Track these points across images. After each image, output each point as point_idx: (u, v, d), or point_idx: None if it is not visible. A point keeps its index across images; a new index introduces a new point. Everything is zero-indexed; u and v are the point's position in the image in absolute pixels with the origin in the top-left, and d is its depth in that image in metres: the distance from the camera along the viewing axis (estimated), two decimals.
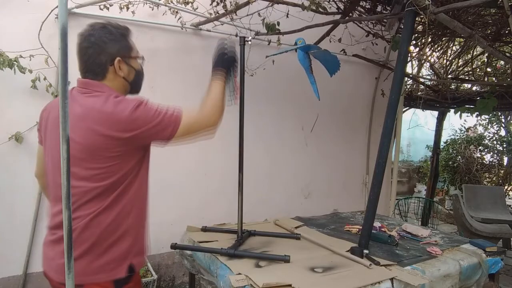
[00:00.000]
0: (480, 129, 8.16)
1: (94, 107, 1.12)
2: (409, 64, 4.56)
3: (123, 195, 1.17)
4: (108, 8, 2.60)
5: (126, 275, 1.18)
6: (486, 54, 4.31)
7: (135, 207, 1.21)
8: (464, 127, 7.98)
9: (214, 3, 2.71)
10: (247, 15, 2.69)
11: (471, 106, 3.72)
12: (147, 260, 2.73)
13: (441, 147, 6.50)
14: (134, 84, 1.30)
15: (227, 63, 1.44)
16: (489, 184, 7.52)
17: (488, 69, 4.67)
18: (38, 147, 1.38)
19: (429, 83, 4.80)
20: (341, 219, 2.53)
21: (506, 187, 7.24)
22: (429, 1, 1.74)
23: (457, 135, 8.09)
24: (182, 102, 1.34)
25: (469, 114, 4.38)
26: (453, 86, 4.86)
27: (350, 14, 2.90)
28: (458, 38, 3.95)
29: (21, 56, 2.37)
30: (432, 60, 4.74)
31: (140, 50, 2.85)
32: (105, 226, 1.14)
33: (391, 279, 1.49)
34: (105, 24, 1.23)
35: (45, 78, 2.49)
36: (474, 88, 5.07)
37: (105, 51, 1.19)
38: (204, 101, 1.31)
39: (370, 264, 1.58)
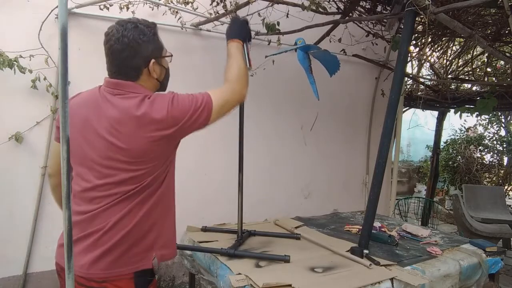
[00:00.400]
0: (480, 129, 8.16)
1: (131, 110, 1.11)
2: (409, 64, 4.56)
3: (155, 192, 1.18)
4: (108, 8, 2.60)
5: (151, 267, 1.18)
6: (486, 54, 4.31)
7: (162, 201, 1.22)
8: (464, 127, 7.98)
9: (214, 3, 2.71)
10: (247, 15, 2.68)
11: (471, 106, 3.72)
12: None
13: (441, 147, 6.50)
14: (165, 82, 1.30)
15: (244, 34, 1.44)
16: (489, 184, 7.52)
17: (488, 69, 4.67)
18: (53, 144, 1.34)
19: (429, 83, 4.80)
20: (341, 219, 2.53)
21: (506, 187, 7.24)
22: (429, 1, 1.74)
23: (457, 135, 8.09)
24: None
25: (469, 114, 4.38)
26: (453, 86, 4.86)
27: (350, 14, 2.90)
28: (458, 38, 3.95)
29: (21, 56, 2.37)
30: (432, 60, 4.74)
31: None
32: (135, 222, 1.15)
33: (391, 279, 1.49)
34: (136, 23, 1.19)
35: (45, 78, 2.49)
36: (474, 88, 5.07)
37: (140, 54, 1.17)
38: (229, 76, 1.29)
39: (370, 264, 1.58)
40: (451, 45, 4.46)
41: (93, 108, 1.16)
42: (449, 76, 4.74)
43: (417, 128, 8.13)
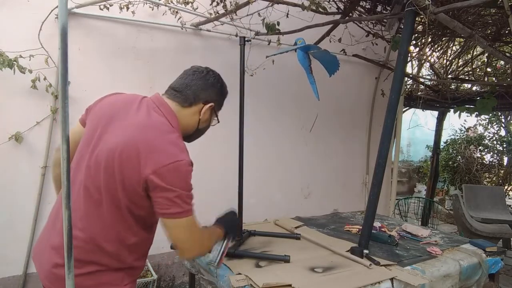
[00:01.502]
0: (480, 129, 8.16)
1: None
2: (409, 64, 4.56)
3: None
4: (108, 8, 2.60)
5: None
6: (486, 54, 4.31)
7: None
8: (464, 127, 7.98)
9: (214, 3, 2.71)
10: (247, 15, 2.69)
11: (471, 106, 3.72)
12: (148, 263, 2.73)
13: (441, 147, 6.50)
14: (196, 134, 1.31)
15: (232, 231, 1.50)
16: (489, 184, 7.52)
17: (488, 69, 4.67)
18: (76, 126, 1.27)
19: (429, 83, 4.80)
20: (341, 219, 2.53)
21: (506, 187, 7.24)
22: (429, 1, 1.74)
23: (457, 135, 8.09)
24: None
25: (469, 114, 4.38)
26: (453, 86, 4.86)
27: (350, 14, 2.90)
28: (458, 38, 3.95)
29: (21, 56, 2.37)
30: (432, 60, 4.74)
31: (140, 50, 2.87)
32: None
33: (391, 279, 1.49)
34: (220, 79, 1.31)
35: (45, 78, 2.49)
36: (474, 88, 5.07)
37: (210, 92, 1.25)
38: (207, 233, 1.32)
39: (370, 264, 1.58)
40: (451, 45, 4.46)
41: None
42: (449, 76, 4.74)
43: (417, 128, 8.13)
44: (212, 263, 1.41)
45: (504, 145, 7.63)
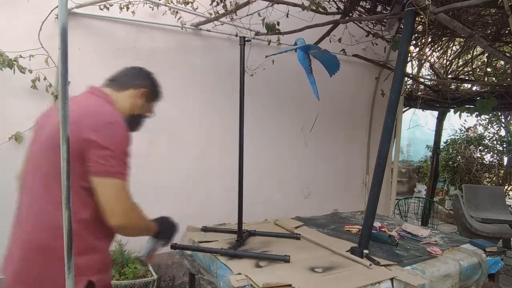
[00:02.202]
0: (480, 129, 8.16)
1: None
2: (409, 64, 4.56)
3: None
4: (108, 8, 2.60)
5: None
6: (486, 54, 4.31)
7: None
8: (464, 127, 7.98)
9: (214, 3, 2.71)
10: (247, 15, 2.69)
11: (471, 106, 3.72)
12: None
13: (441, 147, 6.50)
14: (132, 120, 1.35)
15: (164, 229, 1.46)
16: (489, 184, 7.52)
17: (488, 69, 4.67)
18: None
19: (429, 83, 4.80)
20: (341, 219, 2.53)
21: (506, 187, 7.24)
22: (429, 1, 1.74)
23: (457, 135, 8.09)
24: (182, 101, 1.35)
25: (469, 114, 4.38)
26: (453, 86, 4.86)
27: (350, 14, 2.90)
28: (458, 38, 3.95)
29: (21, 56, 2.37)
30: (432, 60, 4.74)
31: (140, 50, 2.87)
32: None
33: (391, 279, 1.49)
34: (153, 74, 1.47)
35: (45, 78, 2.49)
36: (474, 88, 5.07)
37: (142, 79, 1.38)
38: (141, 211, 1.26)
39: (370, 264, 1.58)
40: (451, 45, 4.46)
41: None
42: (449, 76, 4.74)
43: (417, 128, 8.12)
44: (140, 258, 1.42)
45: (504, 145, 7.63)
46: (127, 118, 1.31)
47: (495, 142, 7.78)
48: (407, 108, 5.30)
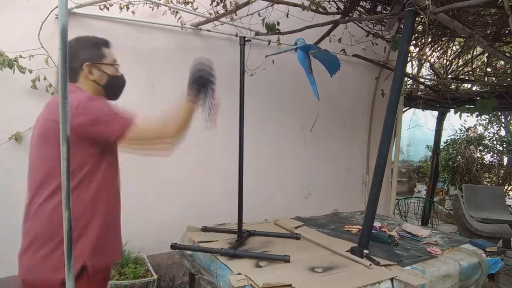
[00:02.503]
0: (480, 129, 8.16)
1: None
2: (409, 64, 4.56)
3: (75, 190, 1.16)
4: (108, 8, 2.60)
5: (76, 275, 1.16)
6: (486, 54, 4.31)
7: (91, 206, 1.22)
8: (464, 127, 7.98)
9: (214, 3, 2.71)
10: (247, 15, 2.69)
11: (471, 106, 3.72)
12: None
13: (441, 147, 6.49)
14: (108, 88, 1.37)
15: (199, 84, 1.45)
16: (489, 184, 7.52)
17: (488, 69, 4.67)
18: None
19: (429, 83, 4.80)
20: (341, 219, 2.53)
21: (506, 187, 7.23)
22: (429, 1, 1.74)
23: (457, 135, 8.08)
24: (182, 101, 1.34)
25: (469, 114, 4.38)
26: (453, 86, 4.86)
27: (350, 14, 2.90)
28: (458, 38, 3.95)
29: (21, 56, 2.37)
30: (432, 60, 4.74)
31: (140, 50, 2.86)
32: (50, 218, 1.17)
33: (391, 279, 1.49)
34: (79, 37, 1.41)
35: (45, 78, 2.49)
36: (474, 88, 5.07)
37: (76, 58, 1.32)
38: (168, 116, 1.36)
39: (370, 264, 1.58)
40: (451, 45, 4.46)
41: None
42: (449, 76, 4.74)
43: (417, 128, 8.12)
44: (205, 126, 1.44)
45: (504, 145, 7.62)
46: (104, 93, 1.36)
47: (495, 142, 7.77)
48: (407, 108, 5.30)
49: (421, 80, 4.73)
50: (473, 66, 4.87)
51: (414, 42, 3.69)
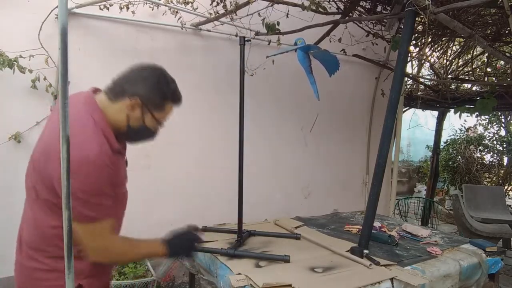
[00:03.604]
0: (480, 129, 8.16)
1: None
2: (409, 64, 4.56)
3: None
4: (108, 8, 2.60)
5: None
6: (486, 54, 4.31)
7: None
8: (464, 127, 7.98)
9: (214, 3, 2.71)
10: (247, 15, 2.69)
11: (471, 106, 3.72)
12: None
13: (441, 147, 6.49)
14: (132, 133, 1.19)
15: (176, 249, 1.31)
16: (489, 184, 7.52)
17: (488, 69, 4.67)
18: None
19: (429, 83, 4.80)
20: (341, 219, 2.53)
21: (506, 187, 7.24)
22: (429, 1, 1.74)
23: (457, 135, 8.09)
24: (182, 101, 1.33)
25: (469, 114, 4.38)
26: (453, 86, 4.86)
27: (350, 14, 2.90)
28: (458, 38, 3.95)
29: (21, 56, 2.37)
30: (432, 60, 4.74)
31: (140, 50, 2.85)
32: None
33: (391, 279, 1.48)
34: (161, 76, 1.22)
35: (45, 78, 2.49)
36: (474, 88, 5.07)
37: (140, 86, 1.15)
38: (127, 246, 1.22)
39: (370, 264, 1.58)
40: (451, 45, 4.46)
41: None
42: (449, 76, 4.74)
43: (417, 128, 8.13)
44: (157, 279, 1.38)
45: (504, 145, 7.63)
46: (125, 132, 1.17)
47: (495, 142, 7.78)
48: (407, 108, 5.30)
49: (421, 80, 4.73)
50: (473, 66, 4.87)
51: (414, 42, 3.69)
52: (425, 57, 4.47)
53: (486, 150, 7.77)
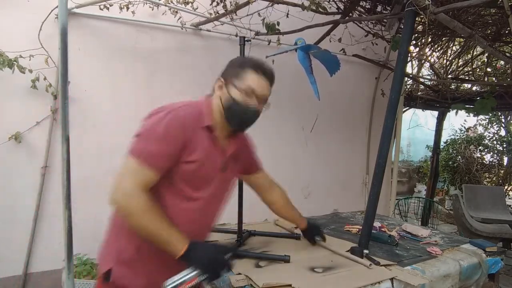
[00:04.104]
0: (480, 129, 8.16)
1: None
2: (409, 64, 4.56)
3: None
4: (108, 8, 2.60)
5: (103, 275, 1.18)
6: (486, 54, 4.31)
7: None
8: (464, 127, 7.98)
9: (214, 3, 2.71)
10: (247, 15, 2.69)
11: (471, 106, 3.72)
12: None
13: (441, 147, 6.49)
14: (227, 112, 1.26)
15: (201, 262, 1.11)
16: (489, 184, 7.52)
17: (488, 69, 4.67)
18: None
19: (429, 83, 4.80)
20: (341, 219, 2.53)
21: (506, 187, 7.24)
22: (429, 1, 1.74)
23: (457, 135, 8.09)
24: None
25: (469, 114, 4.38)
26: (453, 86, 4.86)
27: (350, 14, 2.90)
28: (458, 38, 3.95)
29: (21, 56, 2.37)
30: (432, 60, 4.74)
31: (140, 50, 2.84)
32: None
33: (391, 279, 1.48)
34: (240, 57, 1.42)
35: (45, 78, 2.49)
36: (474, 88, 5.07)
37: (224, 70, 1.34)
38: (151, 212, 1.09)
39: (370, 264, 1.58)
40: (451, 45, 4.46)
41: None
42: (449, 76, 4.74)
43: (417, 128, 8.13)
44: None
45: (504, 145, 7.63)
46: (226, 116, 1.28)
47: (495, 142, 7.78)
48: (407, 108, 5.30)
49: (421, 80, 4.73)
50: (473, 66, 4.87)
51: (414, 42, 3.68)
52: (425, 57, 4.47)
53: (486, 150, 7.77)
